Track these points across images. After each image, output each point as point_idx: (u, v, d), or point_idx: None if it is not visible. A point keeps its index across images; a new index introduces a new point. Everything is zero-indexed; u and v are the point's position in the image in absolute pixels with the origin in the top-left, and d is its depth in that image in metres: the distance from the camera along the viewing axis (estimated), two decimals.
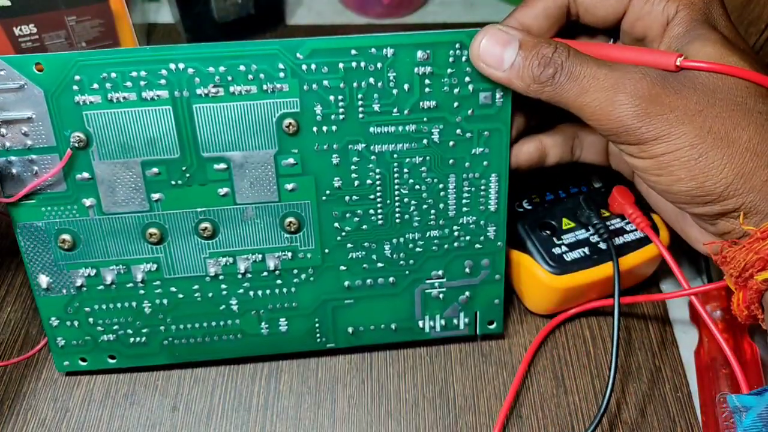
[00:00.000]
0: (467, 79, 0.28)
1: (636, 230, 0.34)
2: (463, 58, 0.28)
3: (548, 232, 0.34)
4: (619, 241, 0.34)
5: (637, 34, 0.28)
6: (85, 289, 0.30)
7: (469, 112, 0.29)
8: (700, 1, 0.26)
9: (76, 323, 0.31)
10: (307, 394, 0.33)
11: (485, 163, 0.30)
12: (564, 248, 0.33)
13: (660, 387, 0.34)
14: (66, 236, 0.29)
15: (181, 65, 0.27)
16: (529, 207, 0.35)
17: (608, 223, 0.35)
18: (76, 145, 0.28)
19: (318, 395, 0.33)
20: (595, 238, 0.34)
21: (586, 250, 0.33)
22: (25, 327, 0.35)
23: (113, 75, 0.27)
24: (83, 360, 0.32)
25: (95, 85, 0.27)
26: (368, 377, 0.33)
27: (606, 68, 0.25)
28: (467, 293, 0.32)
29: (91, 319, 0.31)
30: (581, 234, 0.34)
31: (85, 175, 0.28)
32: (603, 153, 0.33)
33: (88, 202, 0.29)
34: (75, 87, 0.27)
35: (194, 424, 0.32)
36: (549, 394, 0.33)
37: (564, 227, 0.34)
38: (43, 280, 0.30)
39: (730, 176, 0.24)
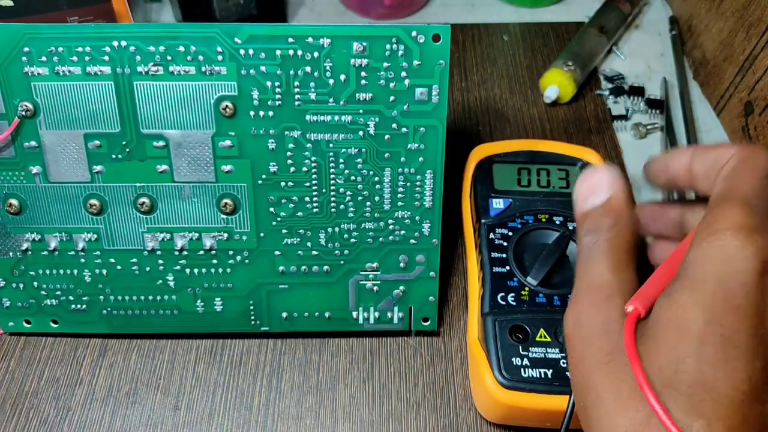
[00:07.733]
0: (403, 74, 0.29)
1: None
2: (400, 53, 0.28)
3: (519, 337, 0.30)
4: None
5: None
6: (30, 253, 0.32)
7: (405, 107, 0.29)
8: None
9: (21, 286, 0.32)
10: (309, 394, 0.33)
11: (420, 159, 0.30)
12: (525, 362, 0.29)
13: None
14: (13, 200, 0.30)
15: (123, 43, 0.28)
16: (513, 303, 0.31)
17: None
18: (24, 114, 0.29)
19: (319, 395, 0.33)
20: (565, 364, 0.29)
21: (549, 372, 0.29)
22: None
23: (60, 49, 0.28)
24: (27, 322, 0.33)
25: (43, 58, 0.28)
26: (369, 377, 0.33)
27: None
28: (402, 288, 0.33)
29: (35, 283, 0.32)
30: (553, 353, 0.29)
31: (33, 143, 0.30)
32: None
33: (34, 169, 0.30)
34: (24, 58, 0.28)
35: (196, 423, 0.32)
36: None
37: (537, 339, 0.30)
38: None
39: None
